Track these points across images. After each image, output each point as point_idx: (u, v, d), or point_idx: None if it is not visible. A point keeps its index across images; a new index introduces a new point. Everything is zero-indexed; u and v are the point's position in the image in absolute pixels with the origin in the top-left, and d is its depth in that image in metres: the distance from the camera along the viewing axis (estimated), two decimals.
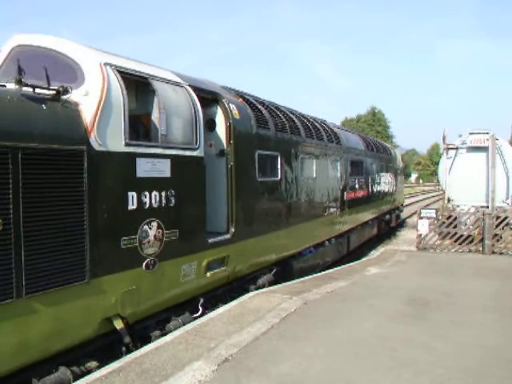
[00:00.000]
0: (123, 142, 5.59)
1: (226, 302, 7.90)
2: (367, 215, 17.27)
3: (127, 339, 5.71)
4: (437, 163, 20.72)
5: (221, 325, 6.52)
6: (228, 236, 7.71)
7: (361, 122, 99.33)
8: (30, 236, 4.50)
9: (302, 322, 6.79)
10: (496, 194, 15.98)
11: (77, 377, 5.11)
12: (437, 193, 47.09)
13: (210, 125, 7.98)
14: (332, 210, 12.95)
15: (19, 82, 4.82)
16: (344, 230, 14.15)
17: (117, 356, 5.65)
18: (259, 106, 9.31)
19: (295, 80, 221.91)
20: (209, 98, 7.69)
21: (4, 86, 5.27)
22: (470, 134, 16.97)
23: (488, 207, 15.64)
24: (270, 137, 9.15)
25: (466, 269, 11.44)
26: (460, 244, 14.04)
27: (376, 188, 18.48)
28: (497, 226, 13.69)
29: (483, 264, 12.15)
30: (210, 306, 7.61)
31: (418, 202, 42.07)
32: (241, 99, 8.79)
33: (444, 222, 14.29)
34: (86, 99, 5.32)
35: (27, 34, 6.00)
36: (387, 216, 21.22)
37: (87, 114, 5.23)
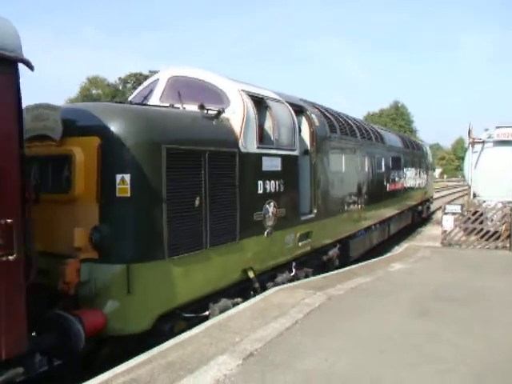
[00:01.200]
0: (255, 146, 7.63)
1: (310, 267, 9.84)
2: (404, 205, 18.71)
3: (257, 285, 7.79)
4: (461, 158, 20.34)
5: (245, 319, 6.54)
6: (312, 215, 9.68)
7: (383, 116, 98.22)
8: (212, 209, 6.56)
9: (326, 317, 6.79)
10: None
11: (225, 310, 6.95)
12: (461, 188, 46.25)
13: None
14: (378, 199, 14.73)
15: (201, 107, 7.01)
16: (386, 216, 15.92)
17: (248, 298, 7.59)
18: (328, 115, 11.28)
19: (315, 76, 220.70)
20: (297, 109, 9.52)
21: (184, 107, 7.37)
22: (497, 127, 16.74)
23: None
24: (337, 139, 11.17)
25: (493, 265, 11.26)
26: (486, 240, 13.86)
27: (411, 181, 20.01)
28: None
29: (511, 261, 11.94)
30: (299, 268, 9.40)
31: (441, 197, 41.40)
32: (316, 109, 10.78)
33: (469, 218, 14.14)
34: (234, 116, 7.36)
35: (179, 67, 8.19)
36: (419, 207, 22.67)
37: (236, 126, 7.29)
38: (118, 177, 5.52)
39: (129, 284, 5.49)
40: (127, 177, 5.53)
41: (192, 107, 7.27)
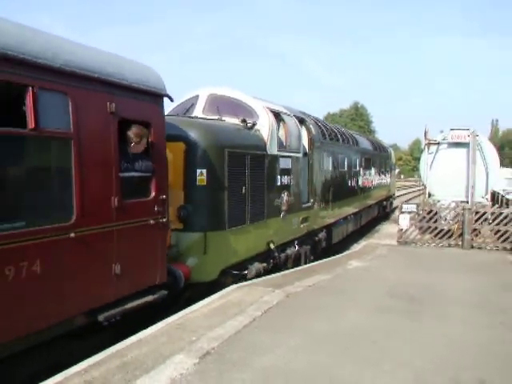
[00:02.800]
0: (276, 150, 10.16)
1: (307, 245, 12.32)
2: (372, 200, 21.63)
3: (276, 254, 10.22)
4: (418, 159, 21.78)
5: (202, 318, 6.60)
6: (309, 204, 12.29)
7: (344, 116, 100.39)
8: (251, 196, 9.05)
9: (285, 314, 6.92)
10: (475, 190, 16.41)
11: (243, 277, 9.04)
12: (418, 188, 47.43)
13: None
14: (354, 193, 17.46)
15: (243, 121, 9.50)
16: (359, 209, 18.63)
17: (268, 263, 9.97)
18: (320, 124, 14.05)
19: (278, 73, 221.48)
20: (299, 120, 12.02)
21: (224, 120, 9.56)
22: (452, 130, 17.41)
23: (468, 202, 16.04)
24: (327, 144, 13.82)
25: (446, 263, 11.77)
26: (440, 238, 14.45)
27: (378, 180, 22.82)
28: (476, 221, 14.11)
29: (463, 258, 12.50)
30: (300, 245, 11.84)
31: (399, 196, 42.55)
32: (312, 120, 13.42)
33: (425, 217, 14.66)
34: (262, 127, 9.79)
35: (217, 87, 10.45)
36: (384, 202, 25.67)
37: (264, 135, 9.74)
38: (198, 171, 7.86)
39: (205, 246, 7.85)
40: (204, 171, 7.90)
41: (229, 119, 9.71)
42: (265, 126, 9.83)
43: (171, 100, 6.54)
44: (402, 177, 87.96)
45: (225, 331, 6.07)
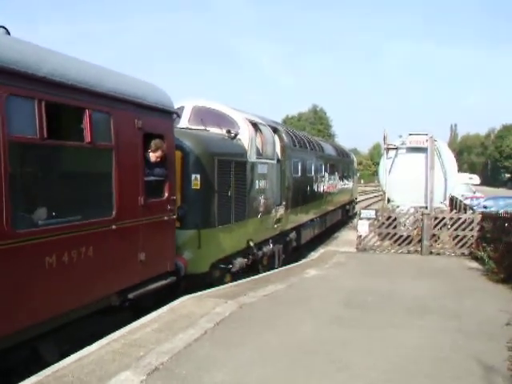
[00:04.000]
0: (255, 157, 12.04)
1: (279, 243, 14.30)
2: (336, 204, 24.18)
3: (255, 251, 11.97)
4: (378, 163, 22.93)
5: (151, 332, 6.58)
6: (282, 206, 14.32)
7: (302, 120, 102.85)
8: (235, 198, 10.89)
9: (237, 326, 6.96)
10: (434, 195, 17.11)
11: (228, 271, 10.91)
12: (378, 193, 48.59)
13: None
14: (320, 197, 19.83)
15: (228, 132, 11.27)
16: (325, 212, 21.14)
17: (248, 259, 11.72)
18: (290, 133, 16.30)
19: (234, 74, 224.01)
20: (273, 129, 14.07)
21: (208, 130, 11.30)
22: (410, 134, 18.11)
23: (427, 208, 16.68)
24: (297, 151, 16.09)
25: (405, 269, 12.32)
26: (399, 245, 15.03)
27: (342, 184, 25.11)
28: (435, 227, 14.67)
29: (421, 264, 13.11)
30: (274, 244, 13.75)
31: (359, 202, 44.48)
32: (284, 128, 15.76)
33: (384, 223, 15.20)
34: (243, 137, 11.61)
35: (200, 99, 12.04)
36: (347, 206, 28.18)
37: (245, 144, 11.58)
38: (193, 176, 9.57)
39: (199, 242, 9.55)
40: (198, 176, 9.63)
41: (213, 130, 11.46)
42: (245, 136, 11.67)
43: (179, 117, 8.28)
44: (362, 182, 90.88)
45: (174, 345, 6.02)
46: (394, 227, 15.22)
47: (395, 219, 15.31)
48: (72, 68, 5.95)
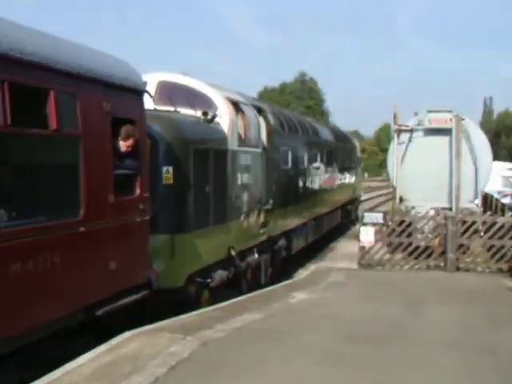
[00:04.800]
0: (236, 144, 13.08)
1: (266, 253, 15.48)
2: (335, 203, 25.19)
3: (237, 262, 13.09)
4: (386, 150, 22.98)
5: (81, 381, 6.48)
6: (269, 206, 15.34)
7: (286, 93, 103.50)
8: (214, 196, 11.88)
9: (199, 372, 6.92)
10: (461, 192, 17.53)
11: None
12: (387, 190, 48.45)
13: None
14: (314, 195, 21.25)
15: (205, 114, 12.10)
16: (321, 213, 22.42)
17: (230, 271, 12.83)
18: (277, 113, 17.33)
19: (194, 35, 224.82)
20: (257, 110, 15.12)
21: (179, 112, 12.20)
22: (429, 112, 18.40)
23: (451, 209, 17.17)
24: (286, 137, 17.36)
25: (424, 291, 12.52)
26: (416, 258, 15.36)
27: (341, 178, 26.55)
28: (463, 234, 14.94)
29: (445, 284, 13.40)
30: (259, 253, 14.80)
31: (361, 202, 44.96)
32: (270, 108, 16.89)
33: (394, 230, 15.58)
34: (222, 120, 12.56)
35: (168, 73, 13.17)
36: (348, 206, 29.52)
37: (225, 129, 12.54)
38: (164, 168, 10.46)
39: (172, 250, 10.49)
40: (170, 168, 10.52)
41: (184, 111, 12.37)
42: (225, 119, 12.68)
43: (151, 96, 9.23)
44: (367, 175, 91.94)
45: None
46: (409, 235, 15.49)
47: (410, 224, 15.60)
48: (35, 42, 6.86)
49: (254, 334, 8.80)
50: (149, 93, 9.47)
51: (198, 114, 12.31)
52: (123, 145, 8.70)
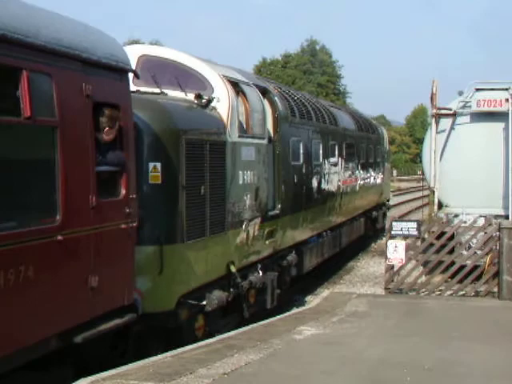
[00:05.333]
0: (237, 134, 13.61)
1: (272, 270, 16.11)
2: (357, 209, 25.95)
3: (238, 280, 13.59)
4: (421, 141, 23.08)
5: None
6: (276, 212, 16.02)
7: (290, 66, 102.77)
8: (211, 199, 12.47)
9: None
10: None
11: None
12: (421, 193, 46.97)
13: None
14: (331, 198, 21.92)
15: (198, 97, 12.66)
16: (339, 221, 23.20)
17: (229, 292, 13.41)
18: (285, 95, 17.98)
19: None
20: (261, 91, 15.71)
21: (166, 94, 12.86)
22: (477, 90, 18.67)
23: (508, 218, 17.21)
24: (297, 124, 18.10)
25: (471, 326, 12.54)
26: (460, 282, 15.61)
27: (365, 177, 27.27)
28: None
29: (500, 317, 13.33)
30: (264, 271, 15.41)
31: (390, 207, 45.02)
32: (276, 90, 17.51)
33: (432, 245, 15.91)
34: (219, 105, 12.99)
35: (149, 46, 14.49)
36: (374, 213, 30.11)
37: (223, 116, 13.06)
38: (151, 165, 11.01)
39: (161, 264, 10.97)
40: (158, 165, 11.04)
41: (172, 93, 12.92)
42: (223, 103, 13.17)
43: (137, 77, 9.86)
44: (395, 173, 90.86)
45: None
46: (451, 252, 15.76)
47: (452, 237, 15.86)
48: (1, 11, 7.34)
49: (248, 381, 8.73)
50: (136, 72, 10.02)
51: (190, 96, 12.84)
52: (106, 135, 9.23)
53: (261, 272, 15.04)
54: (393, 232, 15.84)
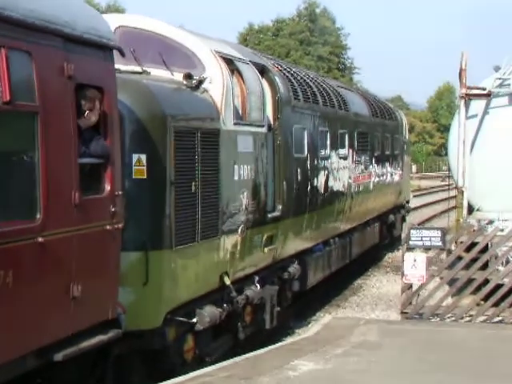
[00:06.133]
0: (232, 121, 14.47)
1: (271, 283, 17.08)
2: (370, 212, 26.79)
3: (234, 294, 14.34)
4: (446, 129, 23.10)
5: None
6: (277, 213, 16.84)
7: (283, 35, 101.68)
8: (202, 197, 13.29)
9: None
10: None
11: None
12: (447, 194, 46.37)
13: None
14: (340, 198, 22.54)
15: (188, 77, 13.40)
16: (349, 226, 23.76)
17: (222, 308, 14.24)
18: (286, 73, 18.31)
19: None
20: (259, 69, 15.96)
21: (149, 73, 13.53)
22: None
23: None
24: (301, 109, 18.54)
25: (508, 361, 12.72)
26: (495, 305, 15.90)
27: (381, 173, 28.06)
28: None
29: None
30: (262, 284, 16.08)
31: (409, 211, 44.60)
32: (276, 68, 17.69)
33: (461, 258, 16.27)
34: (212, 86, 13.79)
35: (128, 16, 14.50)
36: (391, 217, 30.98)
37: (216, 98, 13.89)
38: (135, 157, 11.81)
39: (146, 273, 11.74)
40: (143, 157, 11.81)
41: (156, 72, 13.61)
42: (217, 84, 13.92)
43: (122, 54, 10.70)
44: (415, 169, 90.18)
45: None
46: (484, 267, 16.17)
47: (486, 249, 16.20)
48: None
49: None
50: (121, 50, 10.66)
51: (177, 76, 13.58)
52: (87, 122, 10.03)
53: (258, 285, 15.68)
54: (411, 242, 15.94)
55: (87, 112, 9.97)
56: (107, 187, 10.26)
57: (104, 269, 10.27)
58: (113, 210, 10.28)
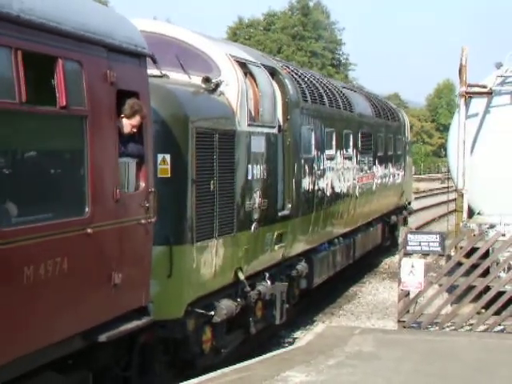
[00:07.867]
0: (246, 123, 16.42)
1: (281, 280, 18.60)
2: (374, 212, 28.20)
3: (247, 289, 15.98)
4: (445, 128, 23.56)
5: None
6: (287, 212, 18.41)
7: (275, 29, 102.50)
8: (220, 195, 15.10)
9: None
10: None
11: None
12: (446, 197, 45.75)
13: None
14: (345, 198, 24.00)
15: (206, 81, 15.29)
16: (353, 226, 25.40)
17: (237, 302, 15.84)
18: (294, 75, 19.86)
19: None
20: (269, 72, 17.60)
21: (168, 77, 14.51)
22: None
23: None
24: (309, 111, 20.17)
25: (510, 373, 12.79)
26: (497, 314, 16.22)
27: (384, 173, 29.47)
28: None
29: None
30: (272, 280, 17.82)
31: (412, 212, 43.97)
32: (285, 70, 19.30)
33: (461, 264, 16.58)
34: (228, 89, 15.75)
35: (146, 20, 15.53)
36: (393, 217, 32.32)
37: (232, 101, 15.92)
38: (160, 157, 13.21)
39: (171, 267, 13.21)
40: (168, 157, 13.33)
41: (174, 76, 15.02)
42: (232, 87, 15.51)
43: (154, 62, 12.42)
44: (414, 170, 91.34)
45: None
46: (485, 274, 16.55)
47: (487, 255, 16.58)
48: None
49: None
50: (153, 57, 12.35)
51: (194, 80, 15.12)
52: (127, 125, 11.58)
53: (269, 282, 17.22)
54: (408, 248, 16.28)
55: (129, 120, 11.47)
56: (142, 184, 11.83)
57: (139, 259, 11.83)
58: (147, 205, 11.80)
